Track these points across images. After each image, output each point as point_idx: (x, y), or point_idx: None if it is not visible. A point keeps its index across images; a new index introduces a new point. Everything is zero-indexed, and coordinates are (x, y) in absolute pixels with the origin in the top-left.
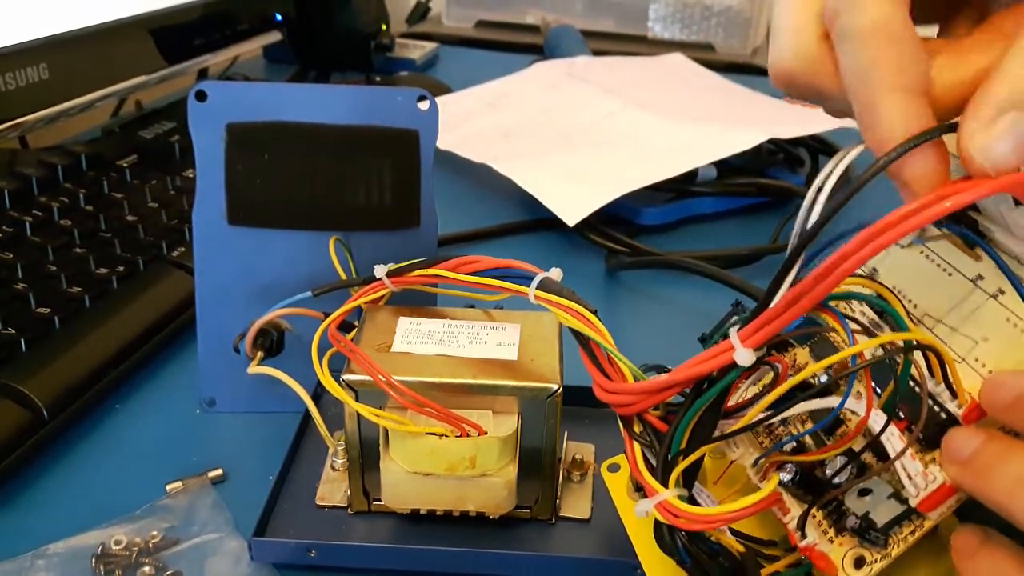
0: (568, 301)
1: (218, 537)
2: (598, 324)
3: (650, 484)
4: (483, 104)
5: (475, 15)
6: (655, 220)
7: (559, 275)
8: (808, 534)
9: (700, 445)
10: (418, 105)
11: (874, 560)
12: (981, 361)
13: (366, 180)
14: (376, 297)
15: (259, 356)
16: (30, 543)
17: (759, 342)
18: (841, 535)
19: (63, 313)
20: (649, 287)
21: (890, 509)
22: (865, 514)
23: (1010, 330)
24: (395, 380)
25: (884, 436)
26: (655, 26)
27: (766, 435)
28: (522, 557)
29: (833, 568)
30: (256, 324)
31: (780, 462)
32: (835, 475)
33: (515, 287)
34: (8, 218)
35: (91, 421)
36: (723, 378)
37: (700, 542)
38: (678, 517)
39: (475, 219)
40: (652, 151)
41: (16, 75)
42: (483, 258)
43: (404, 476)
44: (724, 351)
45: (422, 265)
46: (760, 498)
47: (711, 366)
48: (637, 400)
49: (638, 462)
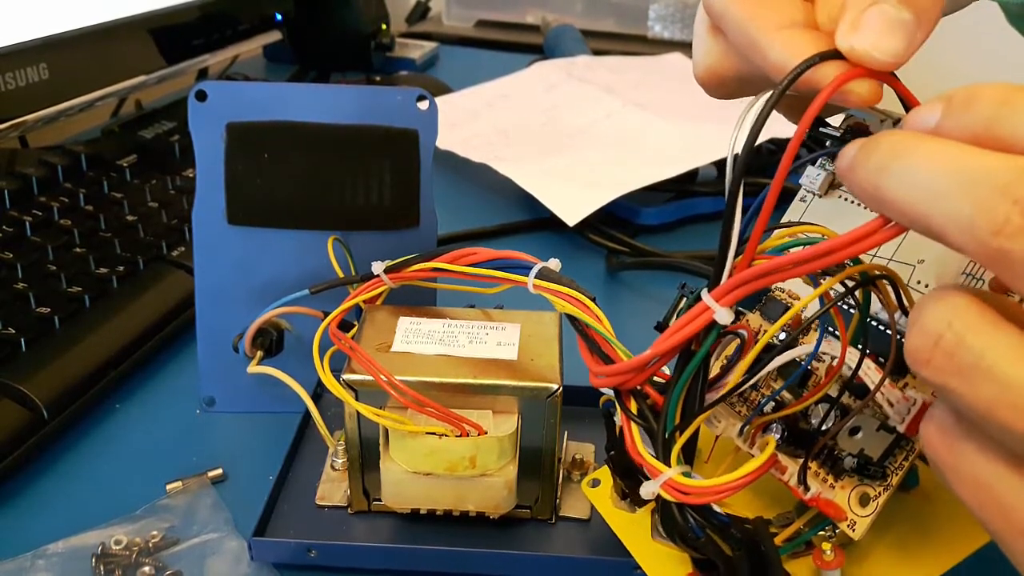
0: (567, 288)
1: (218, 537)
2: (597, 311)
3: (653, 465)
4: (483, 104)
5: (475, 15)
6: (655, 220)
7: (557, 265)
8: (811, 485)
9: (693, 418)
10: (418, 105)
11: (877, 494)
12: (924, 283)
13: (366, 180)
14: (375, 294)
15: (258, 356)
16: (30, 543)
17: (734, 301)
18: (840, 479)
19: (63, 313)
20: (649, 287)
21: (881, 441)
22: (860, 451)
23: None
24: (396, 379)
25: (861, 371)
26: (655, 26)
27: (742, 404)
28: (522, 557)
29: (842, 512)
30: (255, 323)
31: (765, 424)
32: (821, 422)
33: (514, 277)
34: (8, 218)
35: (91, 421)
36: (706, 339)
37: (710, 516)
38: (687, 494)
39: (475, 219)
40: (652, 151)
41: (16, 75)
42: (481, 250)
43: (404, 476)
44: (700, 313)
45: (420, 259)
46: (762, 461)
47: (691, 329)
48: (628, 378)
49: (637, 445)
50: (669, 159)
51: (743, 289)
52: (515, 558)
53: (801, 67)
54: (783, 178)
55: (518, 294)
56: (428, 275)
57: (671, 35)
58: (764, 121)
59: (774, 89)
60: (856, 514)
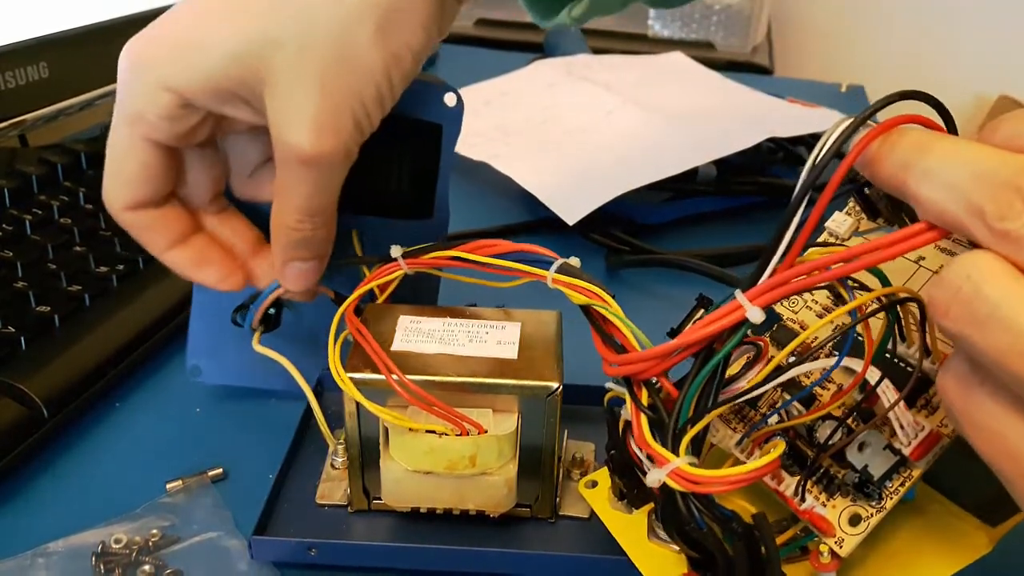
0: (588, 284)
1: (218, 536)
2: (615, 305)
3: (661, 454)
4: (482, 102)
5: (475, 13)
6: (655, 219)
7: (577, 262)
8: (807, 498)
9: (706, 412)
10: (444, 99)
11: (869, 515)
12: None
13: (383, 167)
14: (389, 279)
15: (259, 331)
16: (30, 541)
17: (768, 302)
18: (833, 498)
19: (63, 311)
20: (649, 286)
21: (885, 460)
22: (864, 467)
23: (907, 264)
24: (404, 377)
25: (880, 388)
26: (655, 24)
27: (738, 421)
28: (522, 556)
29: (832, 528)
30: (270, 296)
31: (766, 436)
32: (828, 438)
33: (534, 270)
34: (8, 216)
35: (91, 419)
36: (732, 337)
37: (713, 508)
38: (697, 483)
39: (475, 217)
40: (652, 150)
41: (16, 73)
42: (501, 242)
43: (404, 475)
44: (732, 311)
45: (439, 247)
46: (773, 458)
47: (721, 325)
48: (648, 367)
49: (646, 435)
50: (669, 158)
51: (779, 291)
52: (515, 557)
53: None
54: (833, 189)
55: (518, 290)
56: (446, 263)
57: (671, 34)
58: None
59: (859, 114)
60: (845, 532)
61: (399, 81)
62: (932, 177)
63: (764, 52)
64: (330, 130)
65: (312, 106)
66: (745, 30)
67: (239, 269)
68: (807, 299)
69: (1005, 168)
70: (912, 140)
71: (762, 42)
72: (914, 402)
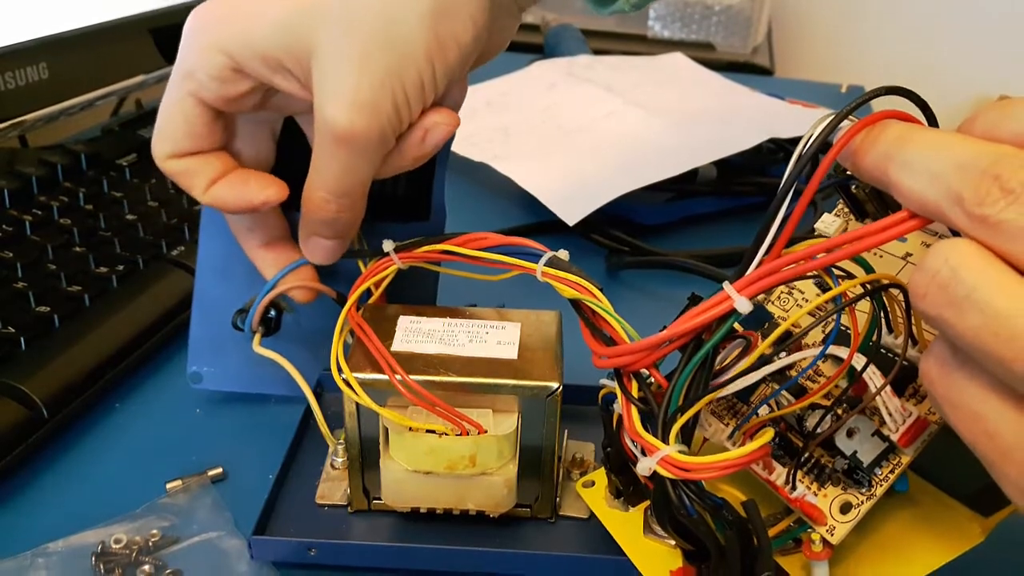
0: (575, 277)
1: (218, 536)
2: (603, 299)
3: (650, 443)
4: (482, 103)
5: None
6: (655, 220)
7: (566, 256)
8: (797, 487)
9: (695, 401)
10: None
11: (860, 503)
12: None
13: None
14: (384, 276)
15: (259, 334)
16: (30, 541)
17: (755, 292)
18: (824, 488)
19: (63, 312)
20: (649, 286)
21: (874, 447)
22: (853, 453)
23: (895, 260)
24: (407, 376)
25: (866, 374)
26: (655, 25)
27: (730, 416)
28: (522, 556)
29: (823, 516)
30: (267, 296)
31: (757, 427)
32: (817, 425)
33: (523, 263)
34: (8, 217)
35: (91, 419)
36: (721, 328)
37: (703, 496)
38: (687, 470)
39: (474, 217)
40: (652, 151)
41: (16, 74)
42: (491, 235)
43: (404, 475)
44: (721, 302)
45: (430, 241)
46: (762, 443)
47: (710, 316)
48: (638, 359)
49: (636, 426)
50: (669, 159)
51: (766, 280)
52: (515, 557)
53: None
54: (819, 180)
55: (518, 286)
56: (437, 257)
57: (671, 34)
58: (828, 133)
59: (841, 109)
60: (836, 520)
61: (442, 73)
62: (913, 167)
63: (764, 53)
64: (368, 108)
65: (352, 81)
66: (745, 31)
67: (279, 181)
68: (797, 298)
69: (983, 157)
70: (893, 132)
71: (762, 43)
72: (903, 391)
